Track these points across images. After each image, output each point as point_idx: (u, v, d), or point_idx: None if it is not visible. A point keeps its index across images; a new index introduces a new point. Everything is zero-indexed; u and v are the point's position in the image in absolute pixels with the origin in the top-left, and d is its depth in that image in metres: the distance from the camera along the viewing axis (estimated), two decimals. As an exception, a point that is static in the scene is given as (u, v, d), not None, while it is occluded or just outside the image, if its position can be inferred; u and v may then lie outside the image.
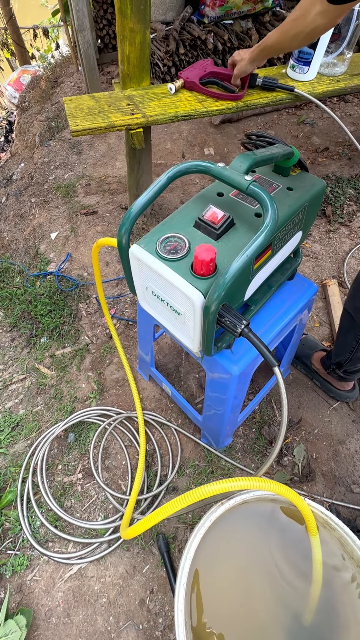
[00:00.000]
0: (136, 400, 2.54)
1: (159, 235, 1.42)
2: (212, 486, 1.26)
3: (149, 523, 1.37)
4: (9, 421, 2.63)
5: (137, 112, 2.75)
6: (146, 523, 1.39)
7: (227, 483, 1.26)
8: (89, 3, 4.35)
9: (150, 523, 1.37)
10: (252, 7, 4.62)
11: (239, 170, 1.31)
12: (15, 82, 7.05)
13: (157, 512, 1.31)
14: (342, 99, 5.03)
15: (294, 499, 1.41)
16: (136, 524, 1.46)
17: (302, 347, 2.70)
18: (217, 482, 1.27)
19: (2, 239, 4.25)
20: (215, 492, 1.26)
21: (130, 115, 2.74)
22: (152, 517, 1.34)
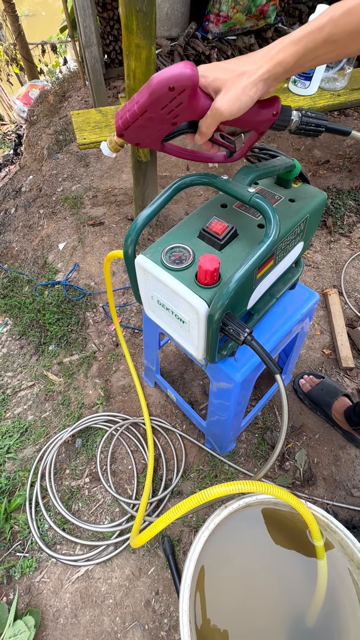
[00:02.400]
0: (144, 407, 2.55)
1: (164, 246, 1.42)
2: (216, 489, 1.27)
3: (155, 530, 1.38)
4: (18, 427, 2.64)
5: (143, 126, 2.76)
6: (152, 530, 1.39)
7: (230, 486, 1.27)
8: (95, 19, 4.37)
9: (156, 529, 1.38)
10: (255, 23, 4.65)
11: (242, 182, 1.31)
12: (24, 97, 7.07)
13: (163, 518, 1.32)
14: (343, 112, 5.03)
15: (296, 505, 1.41)
16: (143, 532, 1.47)
17: (321, 394, 2.55)
18: (220, 485, 1.28)
19: (11, 249, 4.26)
20: (219, 495, 1.27)
21: (137, 129, 2.75)
22: (158, 523, 1.35)
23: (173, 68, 1.03)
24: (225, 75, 1.07)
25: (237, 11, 4.45)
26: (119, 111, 1.18)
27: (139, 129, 1.18)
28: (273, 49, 1.03)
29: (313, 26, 0.98)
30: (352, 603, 1.49)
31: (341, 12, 0.95)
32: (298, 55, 1.01)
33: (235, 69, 1.06)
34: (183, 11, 4.68)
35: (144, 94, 1.08)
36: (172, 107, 1.09)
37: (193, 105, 1.11)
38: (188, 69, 1.02)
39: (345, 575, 1.54)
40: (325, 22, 0.97)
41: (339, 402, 2.45)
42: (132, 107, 1.13)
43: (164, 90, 1.04)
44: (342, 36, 0.98)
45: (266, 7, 4.53)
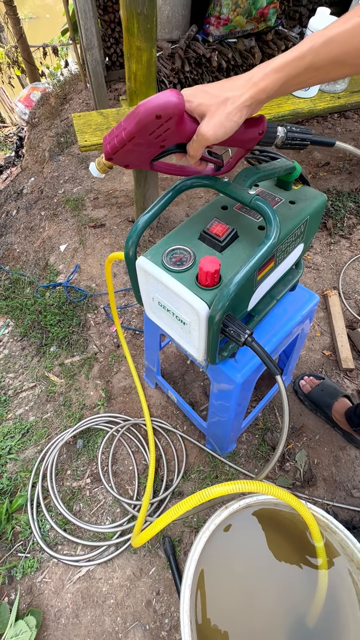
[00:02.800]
0: (144, 408, 2.55)
1: (165, 248, 1.43)
2: (216, 489, 1.27)
3: (156, 529, 1.38)
4: (19, 428, 2.65)
5: (143, 129, 2.77)
6: (152, 529, 1.39)
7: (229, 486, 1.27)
8: (97, 22, 4.37)
9: (156, 529, 1.38)
10: (256, 26, 4.65)
11: (243, 184, 1.32)
12: (25, 99, 7.08)
13: (163, 517, 1.32)
14: (343, 115, 5.04)
15: (296, 505, 1.42)
16: (143, 532, 1.47)
17: (321, 395, 2.56)
18: (219, 485, 1.28)
19: (12, 251, 4.26)
20: (219, 495, 1.27)
21: (138, 131, 2.75)
22: (158, 522, 1.35)
23: (159, 97, 1.04)
24: (209, 101, 1.07)
25: (238, 14, 4.45)
26: (106, 136, 1.20)
27: (128, 153, 1.20)
28: (256, 76, 1.04)
29: (295, 54, 1.00)
30: (352, 603, 1.49)
31: (321, 42, 0.98)
32: (280, 82, 1.04)
33: (219, 95, 1.07)
34: (184, 14, 4.68)
35: (131, 121, 1.09)
36: (160, 133, 1.11)
37: (180, 130, 1.12)
38: (174, 97, 1.04)
39: (345, 576, 1.54)
40: (306, 50, 0.99)
41: (339, 403, 2.45)
42: (119, 134, 1.14)
43: (151, 119, 1.06)
44: (323, 64, 1.00)
45: (266, 10, 4.53)
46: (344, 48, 0.97)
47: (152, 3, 2.50)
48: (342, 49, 0.97)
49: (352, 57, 0.98)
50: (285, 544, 1.63)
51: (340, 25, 0.96)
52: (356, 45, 0.96)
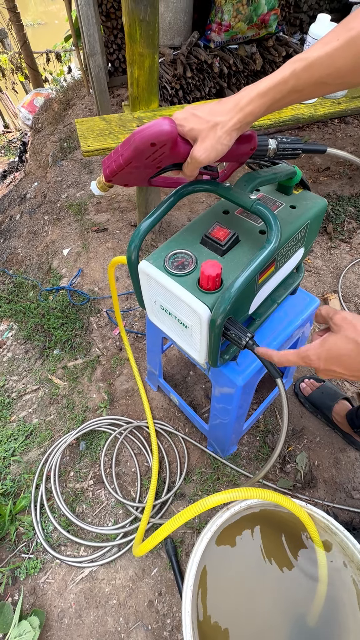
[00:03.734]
0: (147, 411, 2.56)
1: (167, 252, 1.43)
2: (216, 497, 1.28)
3: (156, 540, 1.40)
4: (23, 430, 2.65)
5: (146, 134, 2.78)
6: (153, 540, 1.41)
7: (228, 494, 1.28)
8: (99, 28, 4.38)
9: (156, 540, 1.40)
10: (257, 32, 4.66)
11: (244, 189, 1.32)
12: (29, 105, 7.10)
13: (163, 528, 1.34)
14: (343, 120, 5.05)
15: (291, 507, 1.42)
16: (144, 543, 1.48)
17: (322, 397, 2.57)
18: (219, 493, 1.29)
19: (16, 255, 4.27)
20: (217, 503, 1.28)
21: (140, 136, 2.76)
22: (158, 533, 1.37)
23: (153, 125, 1.08)
24: (200, 126, 1.11)
25: (239, 20, 4.46)
26: (105, 159, 1.26)
27: (126, 175, 1.25)
28: (242, 100, 1.08)
29: (277, 79, 1.04)
30: (352, 603, 1.50)
31: (302, 67, 1.00)
32: (266, 106, 1.08)
33: (209, 120, 1.10)
34: (186, 20, 4.69)
35: (127, 148, 1.14)
36: (155, 157, 1.16)
37: (174, 153, 1.17)
38: (167, 125, 1.09)
39: (345, 576, 1.55)
40: (288, 75, 1.02)
41: (340, 405, 2.45)
42: (117, 159, 1.20)
43: (146, 146, 1.10)
44: (305, 86, 1.04)
45: (267, 16, 4.54)
46: (325, 71, 1.00)
47: (154, 10, 2.50)
48: (323, 71, 1.00)
49: (333, 78, 1.01)
50: (286, 544, 1.63)
51: (320, 48, 0.98)
52: (337, 67, 0.98)
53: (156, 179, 1.35)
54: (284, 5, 5.30)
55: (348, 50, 0.95)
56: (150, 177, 1.30)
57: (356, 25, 0.93)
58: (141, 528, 2.00)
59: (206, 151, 1.13)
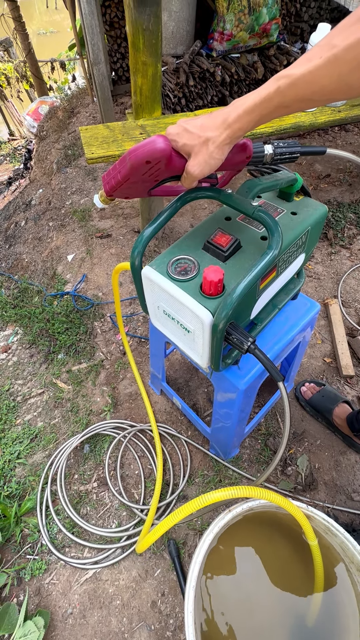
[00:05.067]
0: (150, 415, 2.56)
1: (169, 257, 1.44)
2: (214, 494, 1.29)
3: (157, 534, 1.40)
4: (28, 433, 2.66)
5: (149, 141, 2.78)
6: (154, 535, 1.41)
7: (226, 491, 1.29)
8: (103, 38, 4.40)
9: (158, 534, 1.40)
10: (258, 41, 4.67)
11: (246, 195, 1.32)
12: (34, 113, 7.12)
13: (164, 522, 1.34)
14: (343, 128, 5.06)
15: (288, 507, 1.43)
16: (145, 538, 1.48)
17: (322, 401, 2.57)
18: (217, 491, 1.30)
19: (21, 261, 4.28)
20: (216, 500, 1.29)
21: (143, 144, 2.77)
22: (159, 527, 1.37)
23: (147, 144, 1.13)
24: (192, 142, 1.14)
25: (241, 29, 4.47)
26: (104, 175, 1.31)
27: (125, 189, 1.30)
28: (230, 117, 1.09)
29: (262, 96, 1.03)
30: (352, 604, 1.50)
31: (287, 84, 0.99)
32: (254, 122, 1.09)
33: (201, 135, 1.12)
34: (188, 29, 4.70)
35: (124, 166, 1.18)
36: (152, 172, 1.20)
37: (170, 168, 1.20)
38: (160, 143, 1.13)
39: (345, 577, 1.55)
40: (273, 93, 1.01)
41: (340, 408, 2.46)
42: (115, 176, 1.25)
43: (142, 164, 1.15)
44: (291, 103, 1.03)
45: (269, 25, 4.55)
46: (310, 88, 0.98)
47: (157, 19, 2.52)
48: (307, 89, 0.98)
49: (318, 95, 0.99)
50: (287, 545, 1.63)
51: (303, 65, 0.96)
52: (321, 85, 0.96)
53: (156, 189, 1.39)
54: (285, 15, 5.32)
55: (331, 68, 0.92)
56: (149, 189, 1.34)
57: (339, 42, 0.88)
58: (145, 527, 2.01)
59: (200, 166, 1.16)
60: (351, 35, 0.86)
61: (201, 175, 1.19)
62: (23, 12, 7.81)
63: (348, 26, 0.88)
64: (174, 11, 4.42)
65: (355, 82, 0.92)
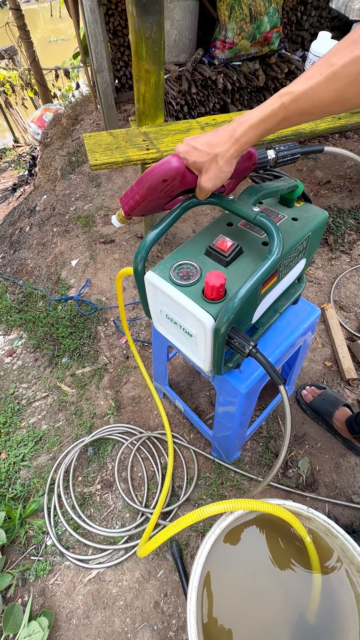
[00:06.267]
0: (164, 418, 2.57)
1: (172, 263, 1.44)
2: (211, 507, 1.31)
3: (158, 541, 1.41)
4: (32, 436, 2.66)
5: (152, 148, 2.80)
6: (155, 542, 1.42)
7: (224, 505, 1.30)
8: (107, 46, 4.41)
9: (159, 541, 1.41)
10: (260, 49, 4.68)
11: (247, 201, 1.33)
12: (38, 120, 7.13)
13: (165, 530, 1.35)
14: (343, 135, 5.07)
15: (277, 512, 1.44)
16: (147, 543, 1.49)
17: (322, 403, 2.58)
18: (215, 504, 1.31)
19: (26, 266, 4.29)
20: (213, 513, 1.31)
21: (146, 150, 2.79)
22: (160, 535, 1.38)
23: (163, 164, 1.21)
24: (202, 159, 1.21)
25: (243, 38, 4.48)
26: (122, 197, 1.38)
27: (143, 207, 1.37)
28: (237, 132, 1.14)
29: (267, 112, 1.09)
30: (352, 604, 1.50)
31: (290, 100, 1.06)
32: (259, 135, 1.15)
33: (209, 152, 1.19)
34: (190, 38, 4.72)
35: (142, 187, 1.26)
36: (167, 190, 1.28)
37: (184, 183, 1.28)
38: (175, 162, 1.21)
39: (344, 578, 1.55)
40: (278, 108, 1.08)
41: (340, 411, 2.46)
42: (134, 196, 1.32)
43: (159, 183, 1.23)
44: (293, 116, 1.10)
45: (270, 34, 4.56)
46: (311, 103, 1.05)
47: (160, 28, 2.53)
48: (308, 104, 1.05)
49: (319, 109, 1.07)
50: (287, 546, 1.64)
51: (304, 83, 1.03)
52: (321, 99, 1.04)
53: (169, 204, 1.46)
54: (286, 23, 5.33)
55: (330, 85, 1.01)
56: (164, 204, 1.41)
57: (337, 61, 0.98)
58: (147, 531, 2.01)
59: (211, 180, 1.23)
60: (347, 55, 0.96)
61: (214, 188, 1.26)
62: (28, 21, 7.85)
63: (344, 47, 0.98)
64: (177, 20, 4.43)
65: (352, 95, 1.01)
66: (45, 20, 23.59)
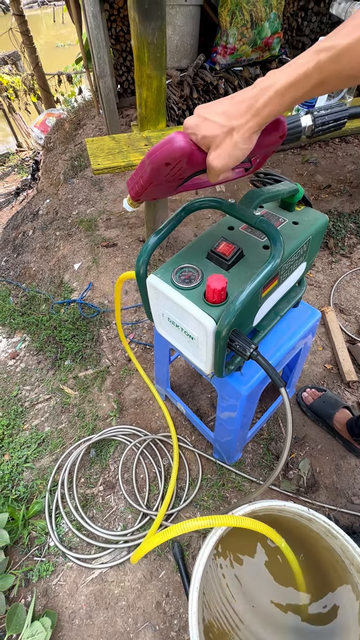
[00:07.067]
0: (169, 421, 2.57)
1: (174, 266, 1.45)
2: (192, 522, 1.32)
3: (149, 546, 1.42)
4: (35, 438, 2.67)
5: (154, 153, 2.80)
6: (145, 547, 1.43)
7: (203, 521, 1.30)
8: (109, 51, 4.42)
9: (150, 546, 1.42)
10: (260, 55, 4.69)
11: (248, 205, 1.33)
12: (41, 124, 7.15)
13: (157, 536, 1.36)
14: (344, 140, 5.07)
15: (257, 528, 1.45)
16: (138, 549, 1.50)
17: (323, 405, 2.58)
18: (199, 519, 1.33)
19: (29, 269, 4.30)
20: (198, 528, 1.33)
21: (148, 155, 2.79)
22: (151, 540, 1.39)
23: (165, 145, 1.01)
24: (213, 132, 0.99)
25: (244, 43, 4.50)
26: (128, 181, 1.21)
27: (151, 192, 1.19)
28: (259, 101, 0.93)
29: (299, 74, 0.87)
30: (352, 604, 1.51)
31: (328, 57, 0.83)
32: (286, 105, 0.93)
33: (224, 124, 0.97)
34: (192, 43, 4.73)
35: (145, 171, 1.09)
36: (174, 172, 1.08)
37: (193, 164, 1.07)
38: (179, 142, 1.01)
39: (345, 579, 1.55)
40: (312, 69, 0.85)
41: (340, 413, 2.46)
42: (138, 181, 1.15)
43: (161, 166, 1.04)
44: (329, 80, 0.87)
45: (271, 39, 4.58)
46: (356, 60, 0.81)
47: (161, 33, 2.54)
48: (355, 62, 0.81)
49: None
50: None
51: (349, 34, 0.80)
52: None
53: (183, 185, 1.27)
54: (287, 29, 5.35)
55: None
56: (176, 187, 1.21)
57: None
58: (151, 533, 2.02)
59: (223, 159, 1.01)
60: None
61: (225, 168, 1.04)
62: (31, 27, 7.86)
63: None
64: (178, 25, 4.45)
65: None
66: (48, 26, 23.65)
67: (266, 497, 2.31)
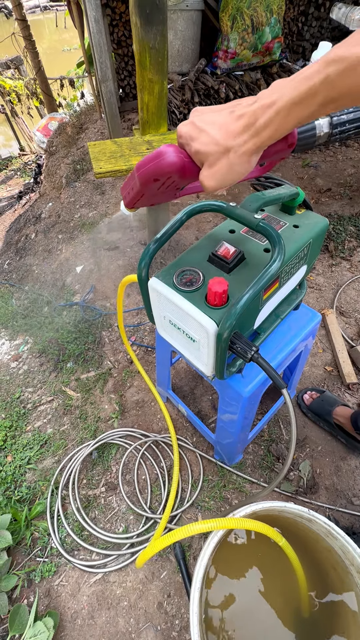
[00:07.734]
0: (169, 422, 2.57)
1: (175, 269, 1.45)
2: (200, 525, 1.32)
3: (153, 550, 1.42)
4: (38, 439, 2.67)
5: (155, 157, 2.80)
6: (151, 550, 1.42)
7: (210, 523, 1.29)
8: (111, 56, 4.44)
9: (153, 551, 1.41)
10: (261, 59, 4.70)
11: (249, 209, 1.33)
12: (43, 128, 7.15)
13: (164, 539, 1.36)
14: (344, 143, 5.07)
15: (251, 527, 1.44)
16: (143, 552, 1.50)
17: (321, 404, 2.58)
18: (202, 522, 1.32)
19: (31, 272, 4.30)
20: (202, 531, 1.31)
21: (149, 159, 2.79)
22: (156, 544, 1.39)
23: (154, 159, 0.95)
24: (207, 149, 0.90)
25: (244, 48, 4.51)
26: (122, 187, 1.16)
27: (147, 200, 1.15)
28: (259, 120, 0.83)
29: (304, 90, 0.76)
30: (353, 604, 1.51)
31: (339, 71, 0.71)
32: (289, 126, 0.82)
33: (219, 143, 0.88)
34: (193, 48, 4.74)
35: (135, 183, 1.03)
36: (168, 184, 1.03)
37: (186, 177, 1.00)
38: (170, 157, 0.94)
39: (345, 579, 1.56)
40: (319, 84, 0.74)
41: (340, 408, 2.46)
42: (130, 191, 1.10)
43: (151, 182, 0.99)
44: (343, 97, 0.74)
45: (271, 44, 4.58)
46: None
47: (163, 38, 2.54)
48: None
49: None
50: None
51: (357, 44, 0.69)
52: None
53: (184, 190, 1.24)
54: (287, 34, 5.36)
55: None
56: (174, 195, 1.18)
57: None
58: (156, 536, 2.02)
59: (216, 180, 0.93)
60: None
61: (217, 188, 0.95)
62: (33, 31, 7.87)
63: None
64: (180, 30, 4.46)
65: None
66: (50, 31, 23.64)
67: (266, 498, 2.31)
